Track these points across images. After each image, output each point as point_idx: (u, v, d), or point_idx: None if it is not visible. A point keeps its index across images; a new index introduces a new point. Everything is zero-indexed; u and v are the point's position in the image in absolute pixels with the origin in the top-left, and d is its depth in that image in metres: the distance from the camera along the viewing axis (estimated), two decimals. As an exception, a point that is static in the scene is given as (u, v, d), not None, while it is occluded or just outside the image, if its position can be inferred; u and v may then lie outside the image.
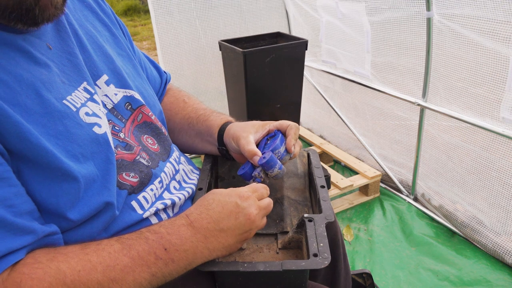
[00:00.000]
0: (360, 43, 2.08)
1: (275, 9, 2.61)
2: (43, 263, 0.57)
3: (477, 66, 1.56)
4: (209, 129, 0.98)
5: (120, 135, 0.76)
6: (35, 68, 0.64)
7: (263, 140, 0.92)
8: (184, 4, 2.31)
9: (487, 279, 1.61)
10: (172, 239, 0.65)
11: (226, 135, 0.93)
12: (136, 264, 0.61)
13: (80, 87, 0.71)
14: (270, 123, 0.93)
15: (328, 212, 0.80)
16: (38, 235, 0.58)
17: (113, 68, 0.81)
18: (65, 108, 0.65)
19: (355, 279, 1.40)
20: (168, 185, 0.82)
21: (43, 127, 0.61)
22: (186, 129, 1.01)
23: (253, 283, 0.74)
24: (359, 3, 1.98)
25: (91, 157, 0.66)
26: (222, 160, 1.02)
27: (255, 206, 0.72)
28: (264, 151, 0.87)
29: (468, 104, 1.65)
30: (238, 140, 0.89)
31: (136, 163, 0.76)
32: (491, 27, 1.44)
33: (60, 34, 0.73)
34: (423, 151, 1.97)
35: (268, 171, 0.85)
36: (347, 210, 2.10)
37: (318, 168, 0.95)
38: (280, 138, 0.89)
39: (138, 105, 0.83)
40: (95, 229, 0.67)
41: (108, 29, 0.87)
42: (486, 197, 1.72)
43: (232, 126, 0.94)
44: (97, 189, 0.65)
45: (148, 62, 1.03)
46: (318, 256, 0.70)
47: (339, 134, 2.55)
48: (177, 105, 1.04)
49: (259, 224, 0.74)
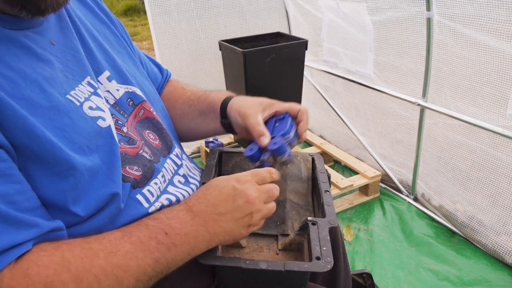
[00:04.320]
0: (362, 42, 2.08)
1: (275, 9, 2.61)
2: (48, 251, 0.58)
3: (481, 64, 1.57)
4: (211, 105, 0.96)
5: (123, 129, 0.77)
6: (38, 64, 0.64)
7: (270, 121, 0.88)
8: (184, 4, 2.31)
9: (487, 279, 1.61)
10: (172, 223, 0.65)
11: (230, 109, 0.91)
12: (138, 249, 0.62)
13: (84, 81, 0.71)
14: (278, 104, 0.89)
15: (332, 217, 0.80)
16: (43, 229, 0.59)
17: (114, 64, 0.81)
18: (68, 103, 0.65)
19: (355, 279, 1.40)
20: (171, 180, 0.83)
21: (50, 120, 0.61)
22: (188, 112, 1.00)
23: (253, 281, 0.74)
24: (359, 3, 1.98)
25: (96, 149, 0.66)
26: (226, 157, 1.02)
27: (254, 189, 0.70)
28: (274, 135, 0.84)
29: (475, 102, 1.65)
30: (246, 117, 0.86)
31: (139, 157, 0.76)
32: (494, 26, 1.45)
33: (63, 30, 0.73)
34: (424, 150, 1.97)
35: (278, 157, 0.82)
36: (347, 210, 2.10)
37: (323, 173, 0.95)
38: (290, 123, 0.85)
39: (139, 101, 0.83)
40: (101, 221, 0.67)
41: (107, 27, 0.87)
42: (488, 195, 1.72)
43: (236, 100, 0.92)
44: (102, 181, 0.66)
45: (148, 60, 1.03)
46: (320, 259, 0.70)
47: (339, 134, 2.55)
48: (176, 93, 1.04)
49: (261, 208, 0.70)
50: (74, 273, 0.57)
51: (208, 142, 2.52)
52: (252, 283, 0.74)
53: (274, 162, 0.84)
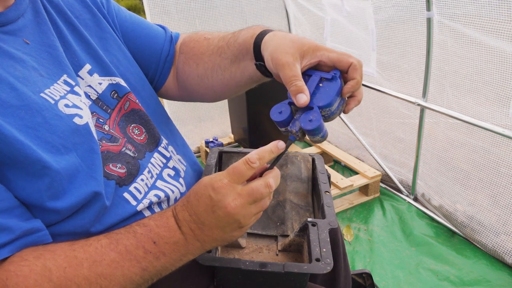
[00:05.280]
0: (365, 41, 2.08)
1: (275, 9, 2.61)
2: (29, 261, 0.57)
3: (482, 64, 1.57)
4: (243, 45, 0.81)
5: (104, 127, 0.75)
6: (9, 63, 0.62)
7: (314, 77, 0.69)
8: (183, 3, 2.30)
9: (487, 279, 1.61)
10: (161, 232, 0.63)
11: (264, 49, 0.74)
12: (124, 258, 0.60)
13: (59, 80, 0.69)
14: (324, 51, 0.70)
15: (332, 218, 0.80)
16: (15, 233, 0.57)
17: (95, 56, 0.78)
18: (42, 101, 0.63)
19: (355, 279, 1.40)
20: (160, 174, 0.80)
21: (21, 120, 0.60)
22: (219, 62, 0.87)
23: (252, 282, 0.74)
24: (365, 2, 1.97)
25: (73, 148, 0.64)
26: (226, 157, 1.01)
27: (233, 196, 0.60)
28: (312, 101, 0.66)
29: (477, 101, 1.65)
30: (280, 67, 0.69)
31: (122, 155, 0.74)
32: (494, 25, 1.45)
33: (40, 26, 0.71)
34: (424, 150, 1.97)
35: (309, 136, 0.67)
36: (347, 210, 2.10)
37: (323, 174, 0.95)
38: (338, 89, 0.66)
39: (124, 93, 0.80)
40: (87, 219, 0.66)
41: (89, 10, 0.82)
42: (488, 195, 1.72)
43: (270, 38, 0.74)
44: (83, 179, 0.64)
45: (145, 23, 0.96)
46: (320, 261, 0.70)
47: (339, 134, 2.55)
48: (200, 45, 0.91)
49: (247, 213, 0.62)
50: (56, 283, 0.56)
51: (208, 142, 2.52)
52: (251, 284, 0.74)
53: (301, 137, 0.69)
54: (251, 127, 2.33)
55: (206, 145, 2.52)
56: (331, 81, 0.67)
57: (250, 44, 0.78)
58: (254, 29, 0.80)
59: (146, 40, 0.93)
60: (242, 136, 2.45)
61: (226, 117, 2.59)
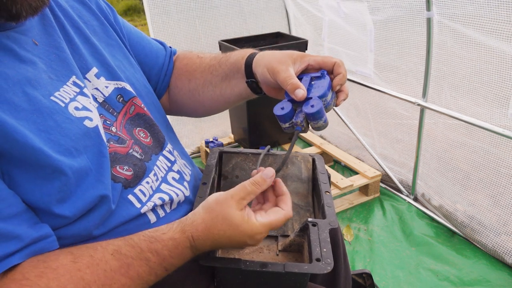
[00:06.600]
0: (363, 42, 2.08)
1: (275, 9, 2.61)
2: (31, 280, 0.54)
3: (481, 64, 1.57)
4: (234, 65, 0.89)
5: (111, 129, 0.75)
6: (20, 66, 0.62)
7: (305, 78, 0.78)
8: (183, 4, 2.30)
9: (487, 279, 1.61)
10: (175, 262, 0.65)
11: (257, 66, 0.83)
12: (136, 284, 0.62)
13: (69, 81, 0.69)
14: (310, 56, 0.81)
15: (332, 218, 0.80)
16: (24, 241, 0.56)
17: (102, 60, 0.79)
18: (53, 105, 0.64)
19: (355, 279, 1.40)
20: (164, 177, 0.81)
21: (34, 124, 0.60)
22: (210, 79, 0.93)
23: (253, 282, 0.74)
24: (361, 3, 1.98)
25: (84, 150, 0.65)
26: (226, 157, 1.01)
27: (262, 239, 0.69)
28: (309, 95, 0.74)
29: (476, 101, 1.65)
30: (276, 73, 0.77)
31: (129, 156, 0.74)
32: (494, 26, 1.45)
33: (46, 28, 0.71)
34: (424, 150, 1.97)
35: (313, 121, 0.74)
36: (347, 210, 2.10)
37: (324, 174, 0.95)
38: (329, 83, 0.76)
39: (130, 97, 0.81)
40: (92, 223, 0.66)
41: (96, 18, 0.84)
42: (488, 195, 1.72)
43: (261, 56, 0.83)
44: (91, 182, 0.64)
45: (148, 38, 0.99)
46: (321, 261, 0.70)
47: (339, 134, 2.55)
48: (193, 63, 0.98)
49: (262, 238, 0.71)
50: None
51: (208, 142, 2.52)
52: (251, 284, 0.74)
53: (306, 127, 0.75)
54: (251, 127, 2.33)
55: (206, 145, 2.52)
56: (320, 78, 0.78)
57: (241, 64, 0.87)
58: (244, 51, 0.89)
59: (150, 54, 0.96)
60: (242, 136, 2.45)
61: (226, 117, 2.59)
